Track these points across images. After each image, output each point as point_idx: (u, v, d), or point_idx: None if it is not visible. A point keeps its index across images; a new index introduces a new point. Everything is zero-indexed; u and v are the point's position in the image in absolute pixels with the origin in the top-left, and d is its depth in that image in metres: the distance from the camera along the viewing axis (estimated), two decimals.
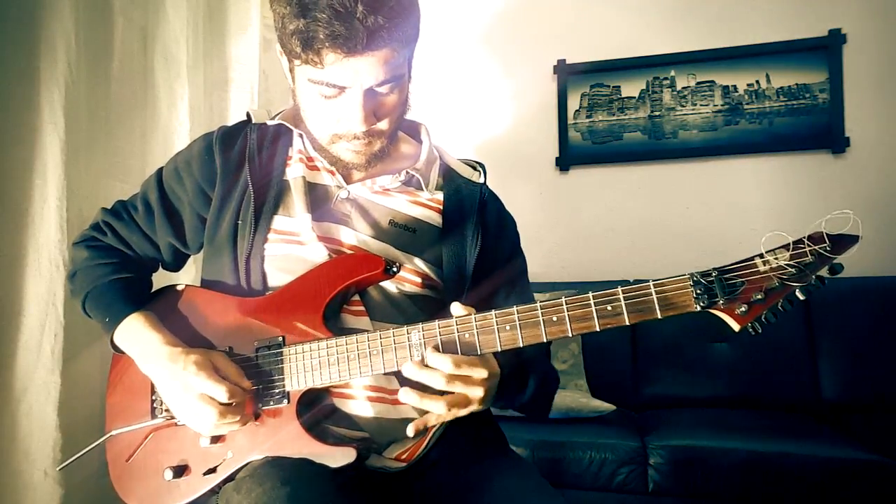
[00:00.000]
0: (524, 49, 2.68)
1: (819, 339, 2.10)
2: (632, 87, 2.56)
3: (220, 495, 0.81)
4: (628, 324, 0.73)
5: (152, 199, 0.97)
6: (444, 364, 0.76)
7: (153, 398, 0.92)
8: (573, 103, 2.62)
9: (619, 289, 0.73)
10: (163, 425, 0.90)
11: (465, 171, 1.00)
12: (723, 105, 2.46)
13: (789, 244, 0.70)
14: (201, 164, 0.94)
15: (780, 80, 2.40)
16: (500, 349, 0.77)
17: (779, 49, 2.39)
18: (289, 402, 0.84)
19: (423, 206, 0.95)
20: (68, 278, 1.00)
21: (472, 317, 0.77)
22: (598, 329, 0.73)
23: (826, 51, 2.34)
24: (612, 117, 2.58)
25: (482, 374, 0.78)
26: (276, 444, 0.82)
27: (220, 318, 0.90)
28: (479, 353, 0.78)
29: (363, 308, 0.88)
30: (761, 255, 0.71)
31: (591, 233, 2.57)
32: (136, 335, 0.89)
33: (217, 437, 0.86)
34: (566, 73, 2.61)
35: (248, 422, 0.84)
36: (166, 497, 0.87)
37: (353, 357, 0.81)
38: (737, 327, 0.71)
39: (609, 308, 0.73)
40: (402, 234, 0.92)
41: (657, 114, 2.53)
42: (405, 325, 0.80)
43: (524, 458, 1.51)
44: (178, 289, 0.96)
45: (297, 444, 0.81)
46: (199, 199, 0.95)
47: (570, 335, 0.75)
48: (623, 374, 2.21)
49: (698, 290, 0.71)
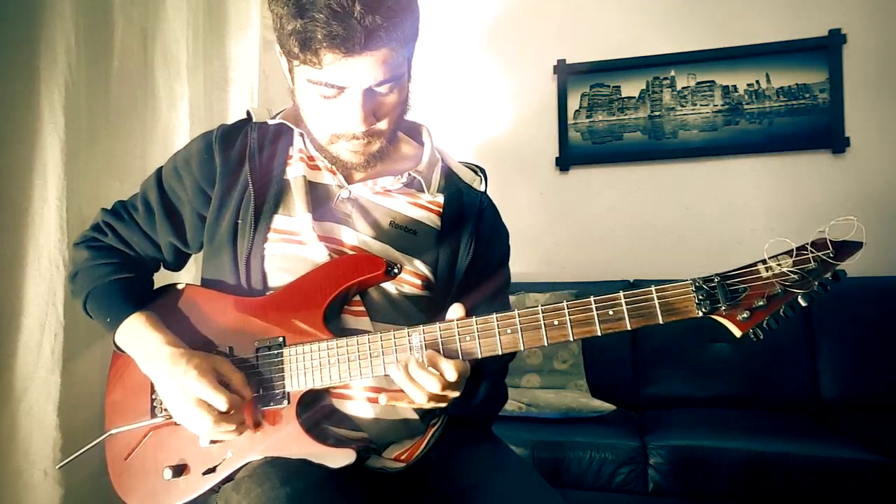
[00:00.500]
0: (524, 49, 2.68)
1: (819, 339, 2.10)
2: (632, 87, 2.56)
3: (219, 495, 0.81)
4: (630, 329, 0.72)
5: (152, 199, 0.97)
6: (449, 372, 0.76)
7: (153, 397, 0.91)
8: (573, 103, 2.62)
9: (622, 293, 0.73)
10: (162, 424, 0.90)
11: (467, 176, 1.00)
12: (723, 105, 2.46)
13: (792, 250, 0.70)
14: (201, 162, 0.94)
15: (780, 80, 2.40)
16: (500, 352, 0.77)
17: (779, 49, 2.39)
18: (289, 402, 0.84)
19: (424, 209, 0.95)
20: (69, 279, 1.00)
21: (474, 320, 0.77)
22: (600, 334, 0.73)
23: (826, 51, 2.34)
24: (612, 117, 2.58)
25: (466, 376, 0.79)
26: (275, 445, 0.82)
27: (220, 318, 0.90)
28: (480, 357, 0.77)
29: (363, 308, 0.88)
30: (764, 261, 0.71)
31: (591, 233, 2.57)
32: (137, 335, 0.89)
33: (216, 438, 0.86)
34: (566, 73, 2.61)
35: (245, 431, 0.84)
36: (166, 496, 0.87)
37: (354, 358, 0.81)
38: (738, 333, 0.71)
39: (611, 313, 0.73)
40: (403, 235, 0.92)
41: (657, 114, 2.53)
42: (406, 327, 0.80)
43: (523, 458, 1.52)
44: (179, 288, 0.96)
45: (297, 445, 0.80)
46: (198, 198, 0.95)
47: (572, 339, 0.74)
48: (623, 374, 2.21)
49: (700, 296, 0.70)
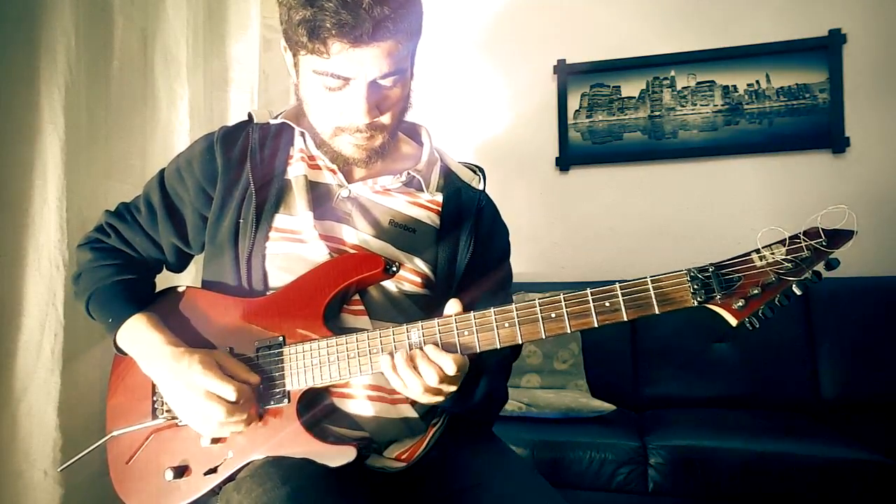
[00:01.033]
0: (524, 49, 2.68)
1: (819, 338, 2.10)
2: (632, 87, 2.56)
3: (220, 495, 0.81)
4: (626, 319, 0.73)
5: (154, 200, 0.98)
6: (448, 366, 0.76)
7: (154, 399, 0.92)
8: (573, 103, 2.62)
9: (617, 284, 0.73)
10: (163, 426, 0.90)
11: (466, 175, 1.00)
12: (723, 105, 2.46)
13: (785, 239, 0.71)
14: (202, 163, 0.95)
15: (780, 80, 2.40)
16: (499, 346, 0.77)
17: (779, 49, 2.39)
18: (289, 401, 0.84)
19: (423, 207, 0.95)
20: (72, 280, 1.00)
21: (472, 314, 0.78)
22: (597, 325, 0.74)
23: (826, 51, 2.34)
24: (612, 117, 2.58)
25: (464, 372, 0.79)
26: (276, 444, 0.82)
27: (220, 319, 0.90)
28: (479, 351, 0.78)
29: (363, 307, 0.88)
30: (757, 251, 0.71)
31: (590, 233, 2.57)
32: (139, 336, 0.89)
33: (218, 437, 0.86)
34: (566, 73, 2.62)
35: (252, 422, 0.84)
36: (167, 497, 0.87)
37: (353, 356, 0.81)
38: (734, 322, 0.72)
39: (607, 304, 0.73)
40: (402, 233, 0.92)
41: (657, 114, 2.53)
42: (405, 324, 0.80)
43: (523, 458, 1.52)
44: (179, 290, 0.96)
45: (298, 444, 0.81)
46: (200, 199, 0.95)
47: (569, 331, 0.75)
48: (623, 374, 2.21)
49: (695, 286, 0.71)
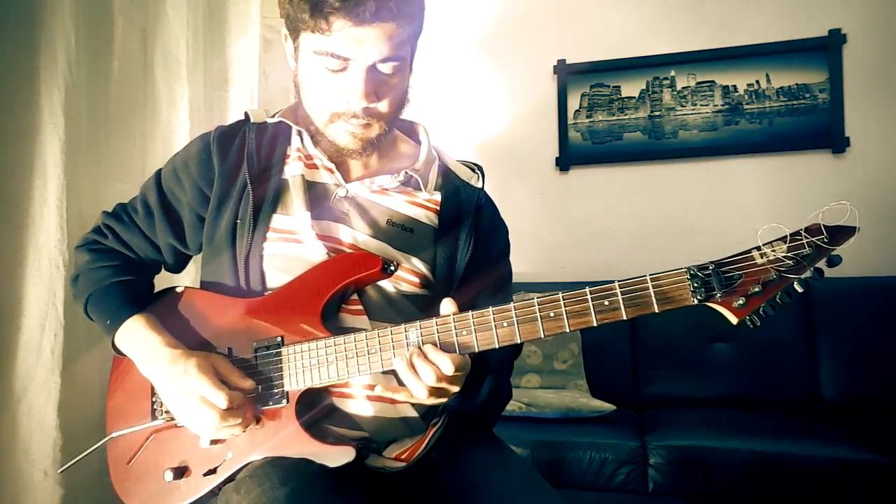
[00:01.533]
0: (524, 49, 2.68)
1: (819, 338, 2.10)
2: (632, 87, 2.56)
3: (220, 495, 0.81)
4: (626, 318, 0.72)
5: (151, 201, 0.97)
6: (446, 365, 0.76)
7: (153, 400, 0.92)
8: (573, 103, 2.62)
9: (616, 283, 0.73)
10: (163, 427, 0.90)
11: (464, 174, 1.00)
12: (723, 105, 2.46)
13: (786, 236, 0.70)
14: (199, 163, 0.94)
15: (780, 80, 2.40)
16: (497, 346, 0.77)
17: (779, 49, 2.39)
18: (288, 401, 0.84)
19: (421, 207, 0.95)
20: (71, 282, 1.00)
21: (470, 314, 0.77)
22: (596, 324, 0.73)
23: (826, 51, 2.34)
24: (612, 117, 2.58)
25: (464, 373, 0.79)
26: (275, 445, 0.82)
27: (218, 320, 0.90)
28: (477, 351, 0.77)
29: (362, 308, 0.88)
30: (758, 248, 0.71)
31: (591, 233, 2.57)
32: (137, 337, 0.89)
33: (218, 438, 0.86)
34: (566, 73, 2.61)
35: (248, 426, 0.84)
36: (167, 498, 0.87)
37: (352, 355, 0.81)
38: (735, 320, 0.71)
39: (606, 303, 0.73)
40: (400, 233, 0.92)
41: (657, 114, 2.53)
42: (403, 324, 0.80)
43: (523, 458, 1.52)
44: (178, 291, 0.96)
45: (297, 444, 0.81)
46: (197, 199, 0.95)
47: (568, 331, 0.74)
48: (623, 374, 2.21)
49: (695, 284, 0.70)
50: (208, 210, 0.94)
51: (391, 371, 0.81)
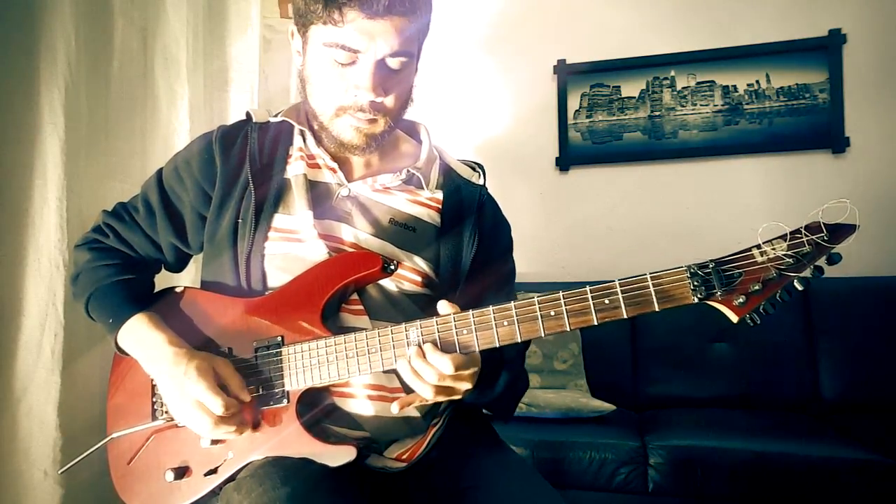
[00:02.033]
0: (524, 49, 2.68)
1: (819, 339, 2.10)
2: (632, 87, 2.56)
3: (220, 495, 0.81)
4: (626, 317, 0.72)
5: (153, 200, 0.97)
6: (445, 366, 0.76)
7: (154, 400, 0.92)
8: (573, 103, 2.62)
9: (617, 282, 0.73)
10: (164, 427, 0.90)
11: (465, 172, 1.00)
12: (723, 105, 2.46)
13: (786, 234, 0.70)
14: (201, 162, 0.95)
15: (780, 80, 2.40)
16: (497, 345, 0.77)
17: (779, 49, 2.39)
18: (288, 401, 0.84)
19: (423, 205, 0.95)
20: (71, 281, 1.00)
21: (470, 313, 0.77)
22: (597, 323, 0.73)
23: (826, 51, 2.34)
24: (612, 117, 2.58)
25: (474, 370, 0.79)
26: (276, 444, 0.82)
27: (219, 319, 0.90)
28: (478, 350, 0.77)
29: (362, 307, 0.88)
30: (758, 246, 0.71)
31: (591, 233, 2.57)
32: (139, 336, 0.89)
33: (218, 439, 0.86)
34: (566, 73, 2.61)
35: (245, 431, 0.84)
36: (167, 498, 0.87)
37: (352, 355, 0.81)
38: (735, 318, 0.71)
39: (607, 301, 0.73)
40: (403, 232, 0.92)
41: (657, 114, 2.53)
42: (403, 324, 0.80)
43: (524, 459, 1.52)
44: (177, 290, 0.96)
45: (298, 444, 0.81)
46: (199, 198, 0.95)
47: (569, 329, 0.74)
48: (623, 374, 2.21)
49: (695, 282, 0.70)
50: (210, 209, 0.94)
51: (392, 370, 0.81)
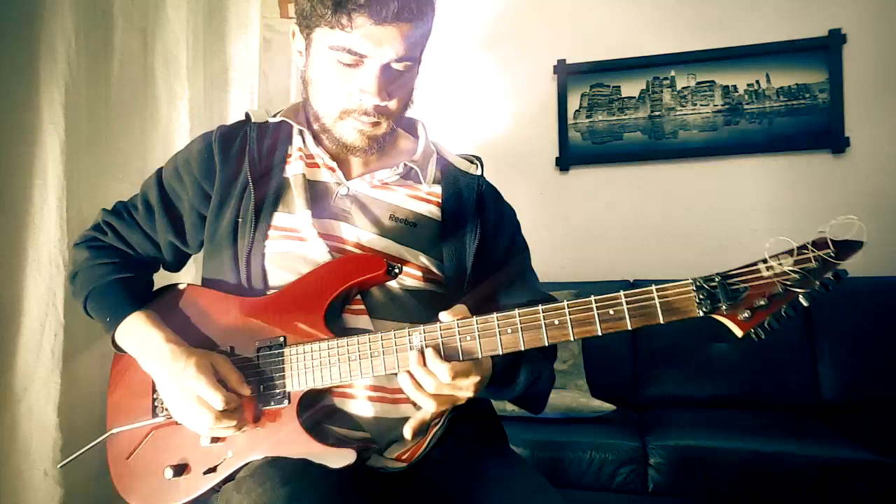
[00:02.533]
0: (524, 49, 2.68)
1: (819, 339, 2.10)
2: (632, 87, 2.56)
3: (220, 494, 0.81)
4: (630, 328, 0.72)
5: (152, 199, 0.98)
6: (442, 373, 0.76)
7: (154, 397, 0.92)
8: (573, 103, 2.62)
9: (622, 293, 0.72)
10: (163, 424, 0.90)
11: (463, 165, 1.00)
12: (723, 105, 2.46)
13: (793, 250, 0.69)
14: (200, 162, 0.95)
15: (780, 80, 2.40)
16: (501, 353, 0.76)
17: (779, 49, 2.39)
18: (289, 402, 0.84)
19: (423, 200, 0.95)
20: (69, 279, 1.00)
21: (474, 319, 0.77)
22: (601, 333, 0.73)
23: (826, 51, 2.34)
24: (612, 117, 2.58)
25: (474, 380, 0.78)
26: (276, 444, 0.82)
27: (221, 318, 0.90)
28: (480, 357, 0.77)
29: (363, 307, 0.88)
30: (765, 261, 0.70)
31: (591, 233, 2.57)
32: (138, 334, 0.89)
33: (217, 436, 0.86)
34: (566, 73, 2.61)
35: (244, 426, 0.84)
36: (167, 496, 0.87)
37: (354, 358, 0.81)
38: (740, 333, 0.71)
39: (611, 312, 0.72)
40: (403, 228, 0.92)
41: (657, 114, 2.53)
42: (406, 327, 0.80)
43: (524, 459, 1.52)
44: (180, 288, 0.96)
45: (298, 445, 0.80)
46: (198, 197, 0.95)
47: (573, 339, 0.74)
48: (623, 374, 2.21)
49: (701, 296, 0.70)
50: (210, 208, 0.94)
51: (394, 374, 0.81)
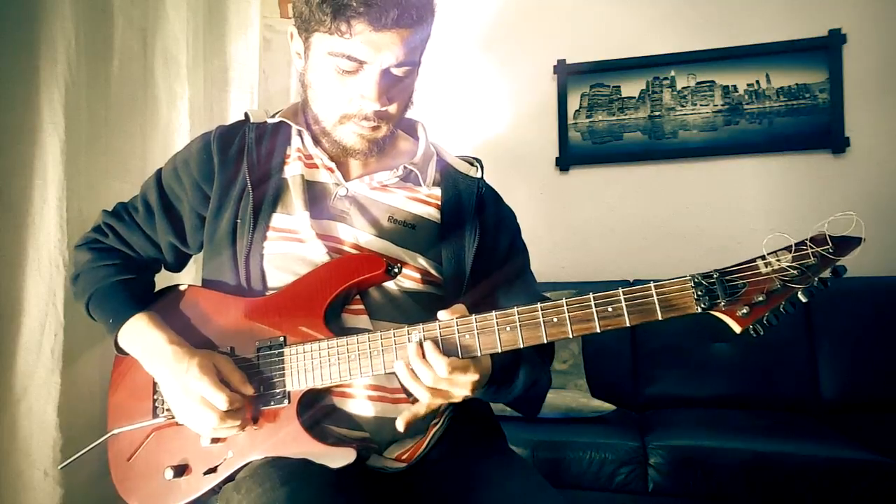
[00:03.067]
0: (524, 49, 2.68)
1: (819, 339, 2.10)
2: (632, 87, 2.56)
3: (220, 495, 0.81)
4: (629, 325, 0.72)
5: (152, 200, 0.98)
6: (440, 367, 0.76)
7: (155, 397, 0.92)
8: (573, 103, 2.62)
9: (620, 290, 0.73)
10: (164, 425, 0.90)
11: (462, 167, 1.00)
12: (723, 105, 2.46)
13: (791, 246, 0.70)
14: (199, 162, 0.95)
15: (780, 80, 2.40)
16: (500, 350, 0.77)
17: (779, 49, 2.39)
18: (289, 402, 0.84)
19: (422, 202, 0.95)
20: (71, 281, 1.00)
21: (473, 317, 0.77)
22: (599, 330, 0.73)
23: (826, 51, 2.34)
24: (612, 117, 2.58)
25: (472, 378, 0.78)
26: (276, 444, 0.82)
27: (221, 319, 0.90)
28: (479, 355, 0.77)
29: (362, 306, 0.88)
30: (763, 257, 0.71)
31: (591, 233, 2.57)
32: (140, 335, 0.89)
33: (218, 437, 0.86)
34: (566, 73, 2.61)
35: (246, 426, 0.84)
36: (167, 496, 0.87)
37: (354, 357, 0.81)
38: (738, 329, 0.71)
39: (610, 309, 0.73)
40: (402, 230, 0.92)
41: (657, 114, 2.53)
42: (406, 325, 0.80)
43: (524, 458, 1.52)
44: (181, 289, 0.96)
45: (297, 445, 0.81)
46: (197, 198, 0.95)
47: (571, 336, 0.74)
48: (623, 374, 2.21)
49: (699, 292, 0.70)
50: (209, 209, 0.94)
51: (393, 373, 0.81)
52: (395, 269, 0.86)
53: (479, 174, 0.99)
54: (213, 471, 0.85)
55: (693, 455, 1.63)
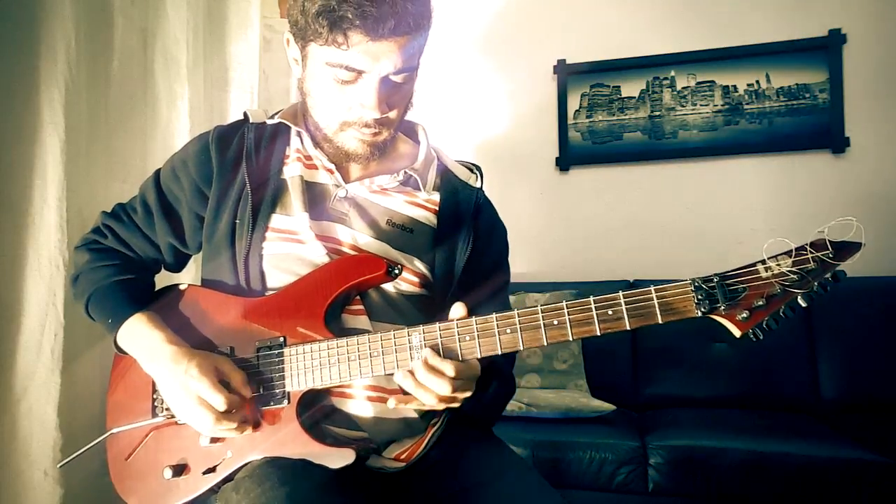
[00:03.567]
0: (524, 49, 2.68)
1: (819, 339, 2.10)
2: (632, 87, 2.56)
3: (219, 495, 0.81)
4: (629, 328, 0.73)
5: (150, 200, 0.98)
6: (447, 369, 0.76)
7: (154, 397, 0.92)
8: (573, 103, 2.62)
9: (621, 293, 0.73)
10: (163, 424, 0.90)
11: (463, 174, 1.00)
12: (723, 105, 2.46)
13: (791, 250, 0.70)
14: (198, 163, 0.95)
15: (780, 80, 2.40)
16: (500, 352, 0.77)
17: (779, 49, 2.39)
18: (289, 402, 0.84)
19: (420, 207, 0.95)
20: (71, 282, 1.00)
21: (473, 319, 0.77)
22: (599, 334, 0.73)
23: (826, 51, 2.34)
24: (612, 117, 2.58)
25: (472, 376, 0.79)
26: (275, 445, 0.82)
27: (221, 319, 0.90)
28: (480, 357, 0.77)
29: (362, 308, 0.88)
30: (763, 261, 0.71)
31: (591, 233, 2.57)
32: (139, 335, 0.89)
33: (217, 437, 0.86)
34: (566, 73, 2.61)
35: (245, 429, 0.84)
36: (166, 496, 0.87)
37: (354, 358, 0.81)
38: (738, 333, 0.71)
39: (610, 312, 0.73)
40: (400, 234, 0.92)
41: (657, 114, 2.53)
42: (405, 327, 0.80)
43: (523, 458, 1.52)
44: (181, 288, 0.96)
45: (297, 445, 0.81)
46: (196, 199, 0.95)
47: (571, 339, 0.75)
48: (623, 374, 2.21)
49: (699, 296, 0.70)
50: (207, 210, 0.94)
51: (392, 374, 0.81)
52: (396, 270, 0.86)
53: (478, 183, 0.99)
54: (212, 470, 0.85)
55: (693, 455, 1.63)
